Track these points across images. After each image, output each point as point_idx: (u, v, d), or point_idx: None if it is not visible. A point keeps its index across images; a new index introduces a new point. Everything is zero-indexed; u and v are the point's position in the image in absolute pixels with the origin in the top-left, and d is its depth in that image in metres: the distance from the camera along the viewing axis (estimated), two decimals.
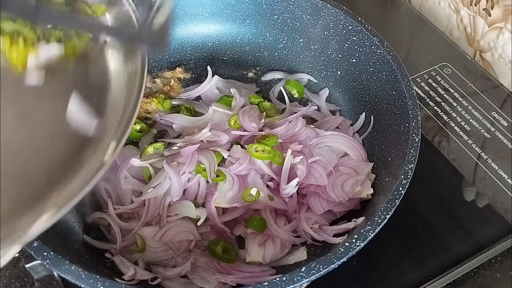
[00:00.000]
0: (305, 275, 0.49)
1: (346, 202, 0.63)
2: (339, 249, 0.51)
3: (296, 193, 0.64)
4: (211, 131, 0.67)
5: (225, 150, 0.65)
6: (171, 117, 0.72)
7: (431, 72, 0.85)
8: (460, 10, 0.92)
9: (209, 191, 0.63)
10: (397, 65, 0.66)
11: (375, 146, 0.69)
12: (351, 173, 0.65)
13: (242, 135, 0.67)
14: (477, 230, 0.67)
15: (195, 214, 0.61)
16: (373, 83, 0.71)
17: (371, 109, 0.71)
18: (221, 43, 0.83)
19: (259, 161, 0.64)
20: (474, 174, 0.73)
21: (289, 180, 0.63)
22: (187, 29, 0.82)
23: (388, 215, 0.53)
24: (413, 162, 0.57)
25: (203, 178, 0.63)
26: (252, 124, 0.67)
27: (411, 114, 0.61)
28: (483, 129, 0.77)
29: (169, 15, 0.49)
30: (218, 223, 0.61)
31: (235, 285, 0.58)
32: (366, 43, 0.71)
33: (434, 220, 0.68)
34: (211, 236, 0.62)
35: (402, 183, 0.55)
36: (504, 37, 0.85)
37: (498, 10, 0.84)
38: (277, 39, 0.81)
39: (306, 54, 0.79)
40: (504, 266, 0.64)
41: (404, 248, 0.66)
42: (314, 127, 0.70)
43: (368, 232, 0.52)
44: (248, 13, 0.80)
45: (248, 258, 0.60)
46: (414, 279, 0.62)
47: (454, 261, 0.63)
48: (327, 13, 0.74)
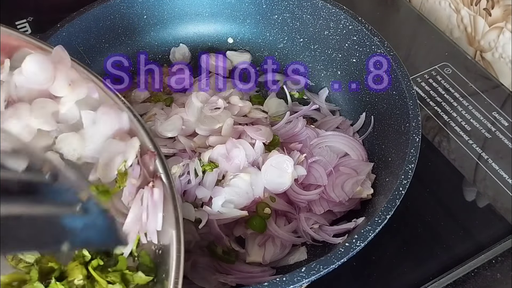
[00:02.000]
0: (305, 275, 0.49)
1: (346, 202, 0.63)
2: (339, 249, 0.50)
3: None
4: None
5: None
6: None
7: (432, 72, 0.85)
8: (461, 10, 0.92)
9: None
10: (397, 65, 0.66)
11: (376, 146, 0.69)
12: (351, 173, 0.65)
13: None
14: (478, 230, 0.67)
15: (195, 216, 0.61)
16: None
17: (371, 109, 0.71)
18: (221, 43, 0.83)
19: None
20: (474, 174, 0.72)
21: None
22: (187, 29, 0.82)
23: (389, 215, 0.53)
24: (414, 162, 0.57)
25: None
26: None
27: (412, 114, 0.61)
28: (484, 129, 0.77)
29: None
30: (215, 228, 0.61)
31: (235, 285, 0.58)
32: (366, 43, 0.71)
33: (435, 220, 0.68)
34: (211, 236, 0.62)
35: (403, 183, 0.55)
36: (505, 37, 0.85)
37: (499, 9, 0.84)
38: (277, 39, 0.81)
39: (306, 54, 0.79)
40: (504, 266, 0.64)
41: (404, 248, 0.65)
42: (314, 127, 0.70)
43: (368, 232, 0.52)
44: (248, 13, 0.80)
45: (248, 259, 0.60)
46: (414, 279, 0.62)
47: (455, 261, 0.63)
48: (327, 13, 0.74)
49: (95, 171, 0.47)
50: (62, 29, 0.69)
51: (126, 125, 0.49)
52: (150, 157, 0.47)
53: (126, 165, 0.47)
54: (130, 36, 0.78)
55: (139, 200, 0.45)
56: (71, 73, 0.48)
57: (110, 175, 0.47)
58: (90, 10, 0.72)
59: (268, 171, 0.62)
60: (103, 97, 0.50)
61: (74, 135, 0.48)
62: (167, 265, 0.44)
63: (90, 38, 0.73)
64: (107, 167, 0.47)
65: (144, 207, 0.45)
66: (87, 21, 0.72)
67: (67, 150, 0.48)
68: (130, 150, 0.47)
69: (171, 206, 0.46)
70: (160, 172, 0.47)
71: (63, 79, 0.48)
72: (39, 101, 0.47)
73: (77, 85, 0.48)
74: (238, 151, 0.63)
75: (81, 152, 0.48)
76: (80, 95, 0.48)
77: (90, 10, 0.72)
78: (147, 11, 0.78)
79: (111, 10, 0.74)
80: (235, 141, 0.64)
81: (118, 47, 0.77)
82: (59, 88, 0.48)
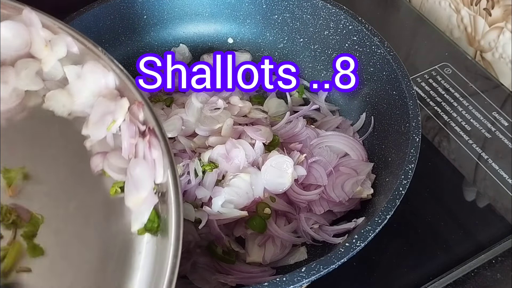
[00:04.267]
0: (305, 275, 0.49)
1: (346, 202, 0.63)
2: (339, 249, 0.50)
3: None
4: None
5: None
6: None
7: (432, 72, 0.85)
8: (461, 10, 0.92)
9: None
10: (397, 65, 0.66)
11: (376, 146, 0.69)
12: (351, 173, 0.65)
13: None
14: (478, 230, 0.67)
15: (194, 216, 0.61)
16: (373, 83, 0.71)
17: (372, 109, 0.71)
18: (221, 43, 0.83)
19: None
20: (474, 174, 0.72)
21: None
22: (187, 29, 0.82)
23: (389, 215, 0.53)
24: (414, 162, 0.57)
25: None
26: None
27: (412, 114, 0.61)
28: (484, 129, 0.77)
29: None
30: (215, 228, 0.60)
31: (235, 285, 0.58)
32: (366, 43, 0.71)
33: (435, 220, 0.68)
34: (211, 236, 0.62)
35: (403, 183, 0.55)
36: (505, 37, 0.85)
37: (499, 9, 0.84)
38: (277, 39, 0.81)
39: (306, 54, 0.79)
40: (504, 266, 0.64)
41: (404, 248, 0.65)
42: (314, 127, 0.70)
43: (368, 232, 0.52)
44: (248, 13, 0.80)
45: (248, 259, 0.60)
46: (414, 279, 0.62)
47: (455, 262, 0.63)
48: (327, 13, 0.74)
49: (87, 126, 0.48)
50: None
51: (111, 83, 0.49)
52: (138, 107, 0.47)
53: (115, 126, 0.47)
54: (130, 36, 0.78)
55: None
56: (46, 33, 0.49)
57: (100, 133, 0.48)
58: (90, 10, 0.72)
59: (268, 171, 0.62)
60: (83, 49, 0.50)
61: (61, 92, 0.49)
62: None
63: (90, 38, 0.73)
64: (97, 125, 0.48)
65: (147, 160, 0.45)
66: (87, 21, 0.72)
67: (57, 107, 0.48)
68: (119, 110, 0.47)
69: (166, 160, 0.46)
70: (152, 124, 0.47)
71: (39, 41, 0.48)
72: (22, 62, 0.48)
73: (54, 44, 0.49)
74: (238, 151, 0.63)
75: (71, 108, 0.48)
76: (60, 54, 0.49)
77: (90, 10, 0.72)
78: (147, 11, 0.78)
79: (111, 10, 0.74)
80: (235, 141, 0.64)
81: (118, 47, 0.77)
82: (37, 50, 0.48)
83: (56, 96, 0.48)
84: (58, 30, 0.50)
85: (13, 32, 0.47)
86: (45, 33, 0.49)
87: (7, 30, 0.47)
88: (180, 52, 0.81)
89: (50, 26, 0.49)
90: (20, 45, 0.48)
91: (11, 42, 0.47)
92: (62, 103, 0.48)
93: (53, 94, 0.48)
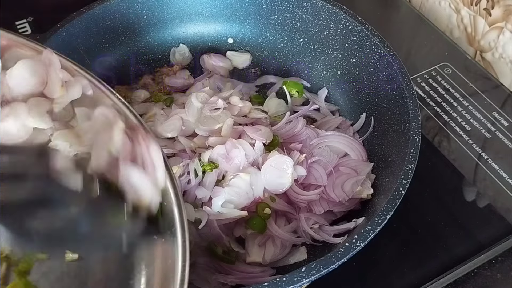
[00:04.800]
0: (305, 275, 0.49)
1: (346, 202, 0.63)
2: (339, 249, 0.50)
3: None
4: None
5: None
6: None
7: (432, 72, 0.85)
8: (461, 10, 0.92)
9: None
10: (397, 65, 0.66)
11: (376, 146, 0.69)
12: (351, 173, 0.65)
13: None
14: (478, 230, 0.67)
15: (194, 217, 0.61)
16: (373, 83, 0.71)
17: (372, 109, 0.71)
18: (221, 43, 0.83)
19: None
20: (474, 174, 0.72)
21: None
22: (187, 29, 0.82)
23: (389, 215, 0.53)
24: (414, 162, 0.57)
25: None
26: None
27: (412, 114, 0.61)
28: (484, 129, 0.77)
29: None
30: (215, 228, 0.60)
31: (234, 285, 0.58)
32: (366, 43, 0.71)
33: (435, 220, 0.68)
34: (211, 236, 0.62)
35: (403, 183, 0.55)
36: (505, 37, 0.85)
37: (499, 9, 0.84)
38: (277, 39, 0.81)
39: (306, 54, 0.79)
40: (504, 266, 0.64)
41: (404, 248, 0.65)
42: (314, 127, 0.70)
43: (368, 232, 0.52)
44: (248, 13, 0.80)
45: (248, 259, 0.60)
46: (414, 279, 0.62)
47: (455, 262, 0.63)
48: (327, 13, 0.74)
49: (91, 165, 0.48)
50: (62, 29, 0.69)
51: (121, 126, 0.49)
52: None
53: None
54: (130, 36, 0.78)
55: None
56: (63, 74, 0.49)
57: (101, 163, 0.48)
58: (90, 10, 0.72)
59: (268, 171, 0.62)
60: (97, 93, 0.50)
61: (69, 132, 0.48)
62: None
63: (90, 38, 0.73)
64: (98, 158, 0.48)
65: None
66: (87, 21, 0.72)
67: (63, 146, 0.48)
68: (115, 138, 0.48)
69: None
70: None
71: (55, 82, 0.48)
72: (33, 100, 0.48)
73: (70, 86, 0.49)
74: (238, 151, 0.63)
75: (77, 149, 0.48)
76: (74, 96, 0.49)
77: (90, 10, 0.72)
78: (147, 11, 0.78)
79: (111, 10, 0.74)
80: (235, 141, 0.64)
81: (118, 47, 0.77)
82: (52, 90, 0.48)
83: (64, 136, 0.48)
84: (75, 73, 0.50)
85: (31, 70, 0.48)
86: (63, 74, 0.49)
87: (25, 68, 0.48)
88: (180, 52, 0.81)
89: (68, 68, 0.50)
90: (36, 83, 0.48)
91: (28, 80, 0.48)
92: (69, 144, 0.48)
93: (61, 134, 0.48)
